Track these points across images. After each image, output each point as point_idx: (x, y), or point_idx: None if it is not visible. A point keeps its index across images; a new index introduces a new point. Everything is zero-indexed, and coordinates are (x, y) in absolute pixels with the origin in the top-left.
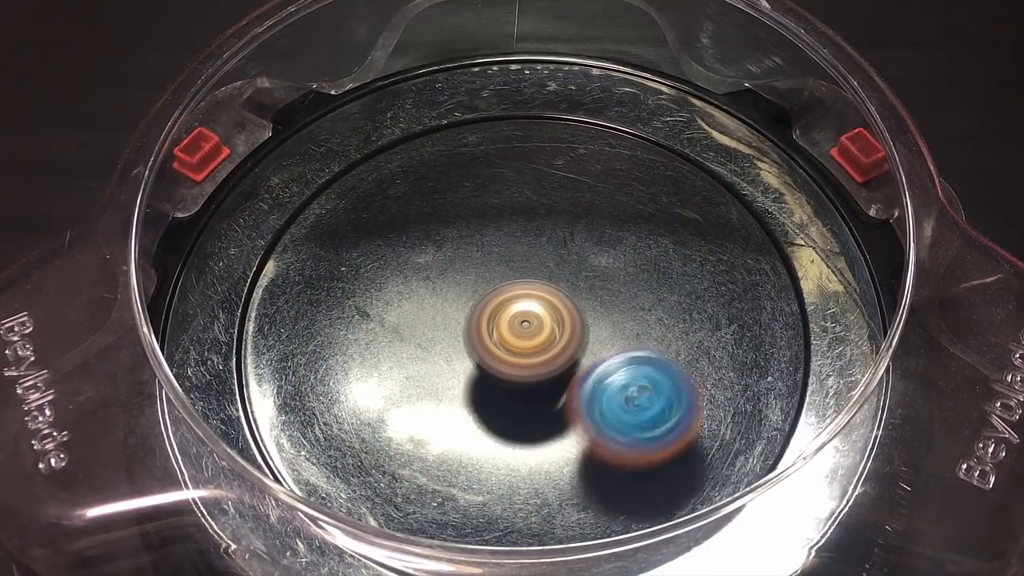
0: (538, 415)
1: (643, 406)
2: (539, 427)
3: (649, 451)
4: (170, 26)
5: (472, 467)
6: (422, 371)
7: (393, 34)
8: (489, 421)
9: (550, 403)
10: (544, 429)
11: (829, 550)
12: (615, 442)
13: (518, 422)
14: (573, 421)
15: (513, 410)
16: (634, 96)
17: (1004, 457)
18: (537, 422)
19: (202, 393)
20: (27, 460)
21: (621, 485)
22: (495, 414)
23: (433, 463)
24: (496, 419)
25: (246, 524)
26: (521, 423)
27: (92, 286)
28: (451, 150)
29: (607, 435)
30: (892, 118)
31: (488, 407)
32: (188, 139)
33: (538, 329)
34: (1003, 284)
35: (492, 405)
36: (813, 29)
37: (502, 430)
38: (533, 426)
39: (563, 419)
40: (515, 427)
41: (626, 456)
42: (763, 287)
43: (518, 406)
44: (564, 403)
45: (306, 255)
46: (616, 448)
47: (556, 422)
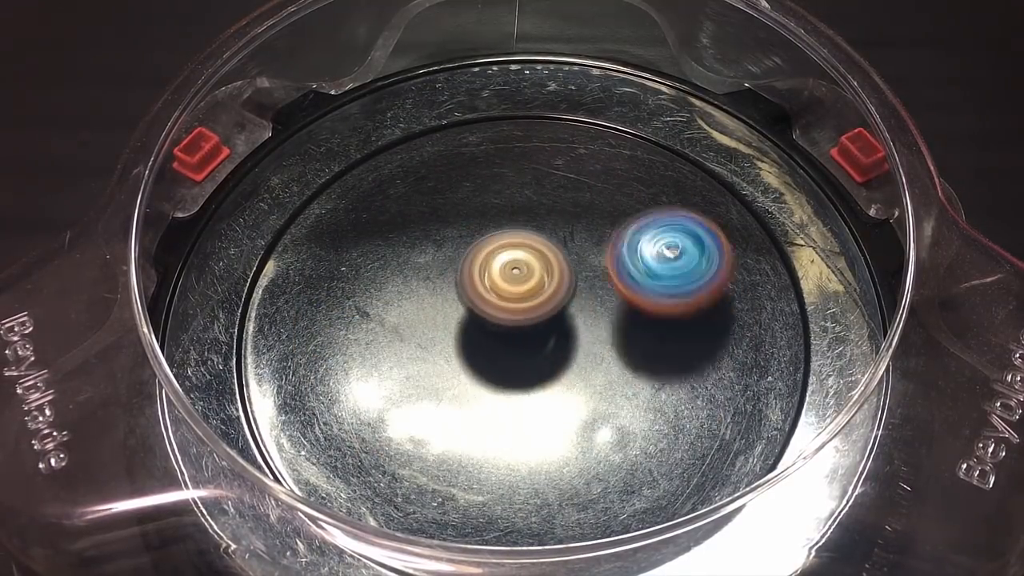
0: (539, 415)
1: (677, 259)
2: (539, 427)
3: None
4: (170, 26)
5: (472, 467)
6: (422, 371)
7: (393, 34)
8: (489, 421)
9: (550, 403)
10: (545, 429)
11: (829, 550)
12: (651, 292)
13: (518, 422)
14: (609, 273)
15: (514, 410)
16: (634, 96)
17: (1004, 457)
18: (538, 422)
19: (202, 393)
20: (27, 460)
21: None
22: (495, 414)
23: (433, 463)
24: (497, 419)
25: (246, 524)
26: (521, 423)
27: (92, 286)
28: (451, 150)
29: (643, 286)
30: (892, 118)
31: (488, 407)
32: (188, 139)
33: (528, 275)
34: (1003, 284)
35: (492, 405)
36: (813, 29)
37: (502, 430)
38: (534, 426)
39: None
40: (515, 426)
41: (661, 305)
42: (763, 287)
43: (519, 406)
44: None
45: (306, 255)
46: (651, 298)
47: (557, 423)
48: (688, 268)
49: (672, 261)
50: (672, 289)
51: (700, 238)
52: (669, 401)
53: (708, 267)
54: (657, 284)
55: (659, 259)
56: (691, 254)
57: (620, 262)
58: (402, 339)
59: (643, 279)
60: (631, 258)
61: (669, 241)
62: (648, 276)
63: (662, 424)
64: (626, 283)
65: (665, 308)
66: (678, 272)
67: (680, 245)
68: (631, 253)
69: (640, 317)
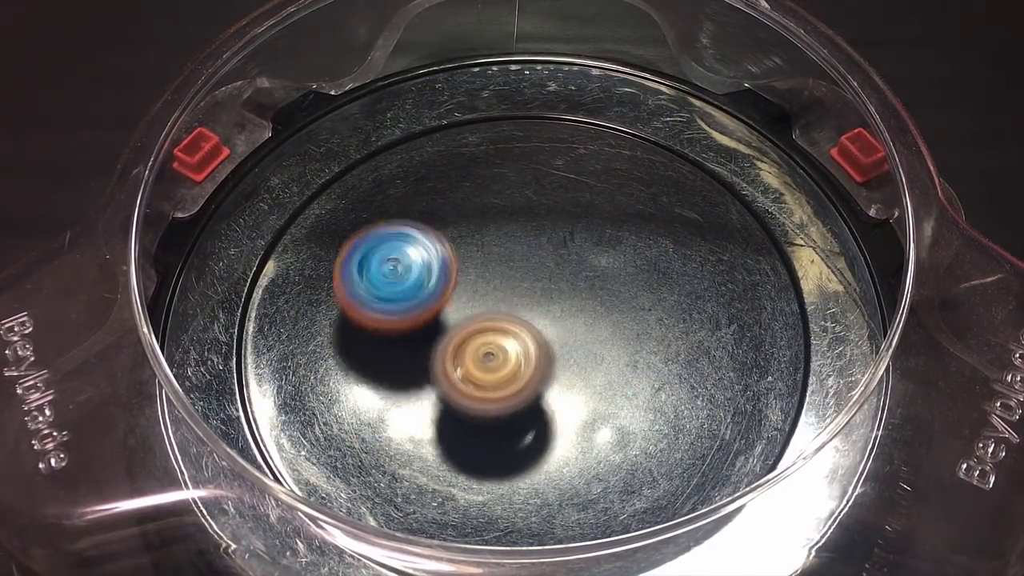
0: (539, 416)
1: (398, 276)
2: (539, 427)
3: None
4: (170, 26)
5: (472, 467)
6: (422, 371)
7: (393, 34)
8: (489, 421)
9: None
10: (544, 429)
11: (829, 550)
12: (372, 309)
13: (518, 422)
14: (336, 292)
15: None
16: (634, 96)
17: (1004, 457)
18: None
19: (202, 393)
20: (27, 460)
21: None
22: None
23: (433, 463)
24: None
25: (246, 524)
26: (521, 423)
27: (92, 286)
28: (451, 150)
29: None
30: (892, 118)
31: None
32: (188, 139)
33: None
34: (1003, 284)
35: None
36: (813, 29)
37: (502, 430)
38: (534, 426)
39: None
40: (516, 427)
41: (380, 321)
42: (763, 287)
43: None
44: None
45: (306, 255)
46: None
47: (557, 423)
48: (410, 283)
49: (395, 277)
50: (394, 305)
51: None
52: (669, 401)
53: (431, 281)
54: (379, 300)
55: (382, 275)
56: (414, 269)
57: (346, 277)
58: (402, 339)
59: (366, 295)
60: (355, 274)
61: (391, 256)
62: (370, 293)
63: (662, 424)
64: (349, 298)
65: (386, 324)
66: (400, 288)
67: (402, 260)
68: (355, 269)
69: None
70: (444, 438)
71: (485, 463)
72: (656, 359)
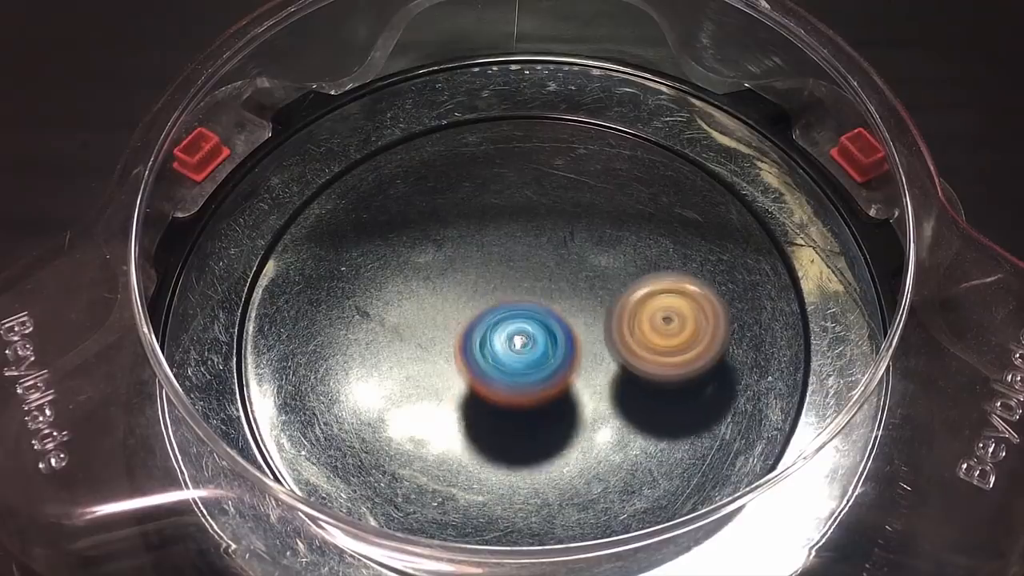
0: (539, 415)
1: (525, 350)
2: (539, 427)
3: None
4: (170, 26)
5: (472, 467)
6: (422, 371)
7: (393, 34)
8: (489, 421)
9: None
10: (544, 429)
11: (829, 550)
12: (497, 382)
13: (518, 422)
14: (458, 362)
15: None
16: (634, 96)
17: (1004, 457)
18: (538, 422)
19: (202, 393)
20: (27, 460)
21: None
22: (495, 414)
23: (433, 463)
24: (496, 419)
25: (246, 524)
26: (521, 423)
27: (92, 286)
28: (451, 150)
29: (490, 375)
30: (892, 118)
31: (488, 407)
32: (188, 139)
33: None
34: (1003, 284)
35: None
36: (813, 29)
37: (502, 430)
38: (533, 426)
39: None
40: (515, 427)
41: (504, 396)
42: (763, 287)
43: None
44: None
45: (306, 255)
46: (496, 388)
47: (557, 422)
48: (534, 358)
49: (520, 352)
50: (520, 380)
51: (549, 327)
52: (669, 401)
53: (555, 358)
54: (505, 375)
55: (508, 350)
56: (539, 344)
57: (469, 351)
58: (402, 339)
59: (491, 369)
60: (480, 348)
61: (518, 330)
62: (496, 367)
63: (662, 424)
64: (474, 372)
65: (514, 399)
66: (525, 363)
67: (529, 334)
68: (480, 343)
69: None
70: (444, 438)
71: (485, 463)
72: None
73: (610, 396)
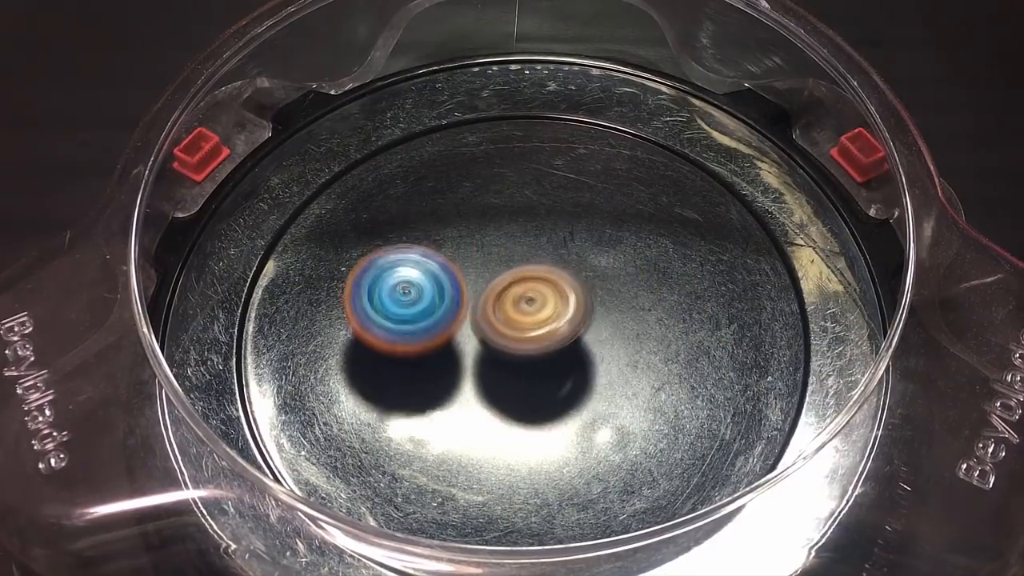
0: (539, 416)
1: (410, 300)
2: (540, 428)
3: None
4: (170, 26)
5: (472, 467)
6: (422, 371)
7: (393, 34)
8: (489, 421)
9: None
10: (545, 429)
11: (829, 550)
12: (381, 330)
13: (518, 422)
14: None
15: (513, 410)
16: (634, 96)
17: (1004, 457)
18: (538, 423)
19: (202, 393)
20: (27, 460)
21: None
22: (495, 414)
23: (433, 463)
24: (496, 419)
25: (246, 524)
26: (521, 423)
27: (92, 286)
28: (451, 150)
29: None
30: (892, 118)
31: (488, 407)
32: (188, 139)
33: (541, 305)
34: (1003, 284)
35: (492, 405)
36: (813, 29)
37: (502, 430)
38: (533, 426)
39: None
40: (515, 427)
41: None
42: (763, 287)
43: (518, 406)
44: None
45: (306, 255)
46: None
47: (557, 423)
48: (423, 307)
49: (408, 301)
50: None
51: (435, 275)
52: (669, 401)
53: (443, 304)
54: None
55: (395, 300)
56: (427, 293)
57: (357, 301)
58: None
59: (379, 319)
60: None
61: (404, 280)
62: (384, 317)
63: (662, 424)
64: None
65: (400, 348)
66: (414, 312)
67: (416, 284)
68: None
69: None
70: (444, 438)
71: (485, 463)
72: (656, 359)
73: (610, 396)
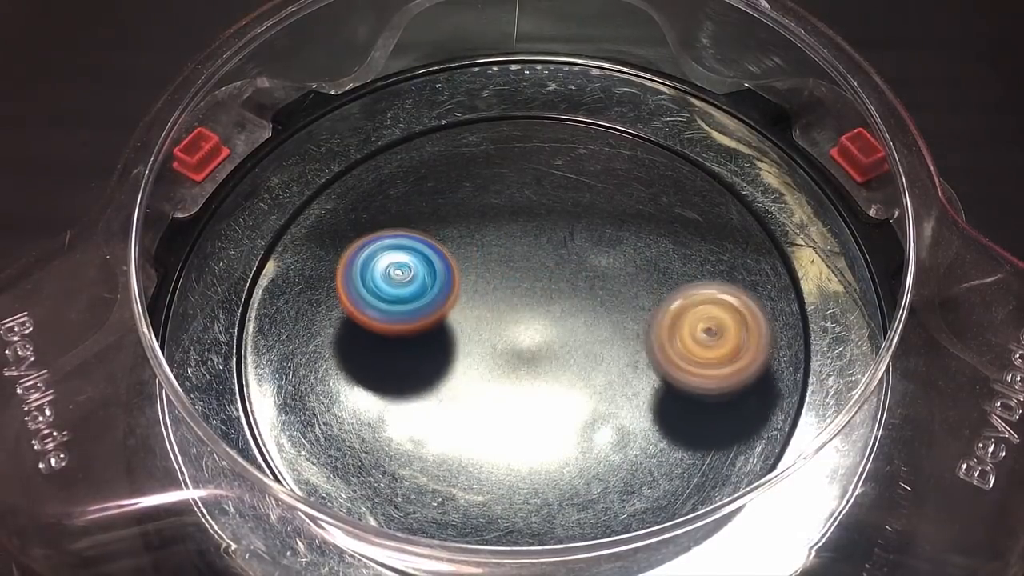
0: (539, 415)
1: (402, 280)
2: (540, 428)
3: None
4: (170, 26)
5: (472, 467)
6: (422, 371)
7: (393, 34)
8: (489, 421)
9: (550, 403)
10: (544, 429)
11: (829, 550)
12: (374, 311)
13: (518, 421)
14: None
15: (514, 410)
16: (634, 96)
17: (1004, 457)
18: (538, 423)
19: (202, 393)
20: (27, 460)
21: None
22: (495, 414)
23: (433, 463)
24: (496, 419)
25: (246, 524)
26: (521, 423)
27: (92, 286)
28: (451, 150)
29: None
30: (892, 118)
31: (488, 407)
32: (188, 139)
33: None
34: (1003, 284)
35: (492, 405)
36: (813, 29)
37: (502, 430)
38: (534, 426)
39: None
40: (515, 426)
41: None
42: (763, 287)
43: (519, 406)
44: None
45: (306, 255)
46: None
47: (557, 423)
48: (416, 289)
49: (400, 282)
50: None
51: (428, 258)
52: (669, 401)
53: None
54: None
55: (388, 280)
56: (419, 273)
57: (349, 281)
58: (402, 339)
59: (372, 300)
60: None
61: (396, 261)
62: (377, 298)
63: (662, 424)
64: (355, 303)
65: (393, 328)
66: (407, 293)
67: (410, 266)
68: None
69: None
70: (444, 438)
71: (485, 463)
72: None
73: (610, 396)
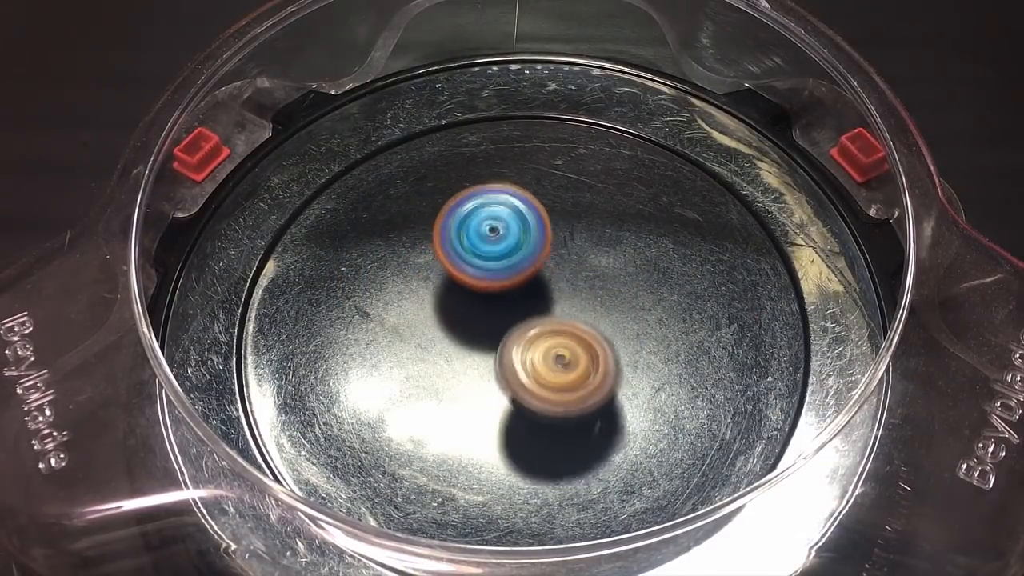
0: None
1: (497, 239)
2: (539, 428)
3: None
4: (170, 26)
5: (472, 467)
6: (422, 371)
7: (393, 34)
8: (489, 421)
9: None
10: (544, 429)
11: (829, 550)
12: (470, 267)
13: (518, 422)
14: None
15: (514, 410)
16: (634, 96)
17: (1004, 457)
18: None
19: (202, 393)
20: (27, 460)
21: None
22: (495, 414)
23: (433, 463)
24: (496, 419)
25: (246, 524)
26: (522, 423)
27: (92, 286)
28: (451, 150)
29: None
30: (892, 118)
31: (488, 407)
32: (188, 139)
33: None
34: (1003, 284)
35: (492, 405)
36: (813, 29)
37: (502, 430)
38: (534, 426)
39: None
40: (515, 427)
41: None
42: (763, 287)
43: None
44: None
45: (306, 255)
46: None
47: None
48: (510, 245)
49: (495, 240)
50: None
51: (521, 213)
52: (669, 401)
53: (528, 242)
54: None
55: (483, 238)
56: (513, 231)
57: (446, 240)
58: (402, 339)
59: (469, 257)
60: (457, 236)
61: (492, 219)
62: (473, 255)
63: (662, 424)
64: (453, 261)
65: (491, 285)
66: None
67: (504, 223)
68: (456, 231)
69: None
70: (444, 438)
71: (485, 463)
72: (656, 359)
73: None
